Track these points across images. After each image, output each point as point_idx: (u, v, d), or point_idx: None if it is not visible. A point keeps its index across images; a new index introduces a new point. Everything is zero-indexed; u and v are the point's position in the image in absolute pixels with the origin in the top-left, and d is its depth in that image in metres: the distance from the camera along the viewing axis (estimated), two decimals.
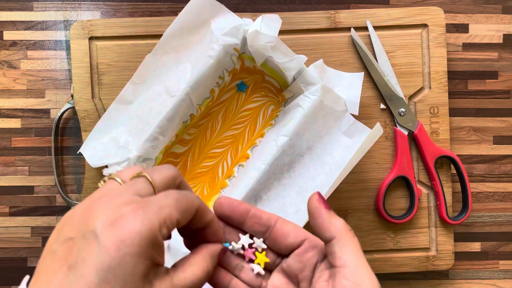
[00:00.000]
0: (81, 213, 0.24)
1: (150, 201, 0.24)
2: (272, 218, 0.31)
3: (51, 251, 0.24)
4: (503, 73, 0.53)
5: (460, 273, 0.52)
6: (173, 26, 0.45)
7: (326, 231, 0.29)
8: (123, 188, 0.25)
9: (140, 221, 0.23)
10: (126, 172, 0.27)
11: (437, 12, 0.50)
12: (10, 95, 0.51)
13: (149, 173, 0.26)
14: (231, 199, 0.31)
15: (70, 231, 0.24)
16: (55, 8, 0.51)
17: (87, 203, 0.25)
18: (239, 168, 0.48)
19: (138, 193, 0.25)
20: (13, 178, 0.51)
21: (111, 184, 0.26)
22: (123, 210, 0.23)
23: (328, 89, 0.44)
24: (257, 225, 0.31)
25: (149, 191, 0.25)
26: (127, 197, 0.24)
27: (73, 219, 0.24)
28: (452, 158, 0.49)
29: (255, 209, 0.31)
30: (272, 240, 0.31)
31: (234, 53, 0.46)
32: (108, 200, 0.24)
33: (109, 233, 0.22)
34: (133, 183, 0.25)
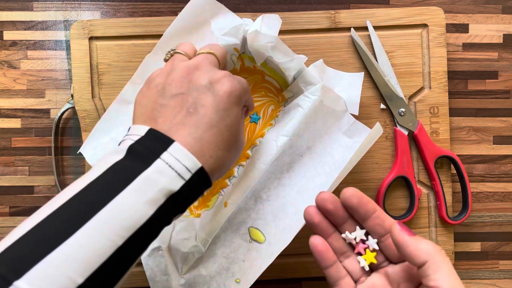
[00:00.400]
0: (181, 77, 0.31)
1: (229, 74, 0.33)
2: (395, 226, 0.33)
3: (160, 105, 0.31)
4: (503, 73, 0.53)
5: (460, 273, 0.52)
6: (173, 26, 0.45)
7: (416, 258, 0.29)
8: (202, 60, 0.33)
9: (237, 82, 0.32)
10: (185, 46, 0.35)
11: (437, 12, 0.50)
12: (10, 95, 0.51)
13: (209, 49, 0.35)
14: (361, 194, 0.33)
15: (177, 89, 0.31)
16: (55, 8, 0.51)
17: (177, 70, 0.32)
18: (239, 168, 0.48)
19: (216, 66, 0.34)
20: (13, 178, 0.51)
21: (180, 57, 0.34)
22: (220, 75, 0.32)
23: (328, 89, 0.44)
24: (378, 227, 0.33)
25: (218, 65, 0.34)
26: (214, 68, 0.33)
27: (176, 81, 0.31)
28: (452, 158, 0.49)
29: (380, 211, 0.33)
30: (387, 245, 0.33)
31: (234, 53, 0.46)
32: (201, 68, 0.32)
33: (219, 87, 0.31)
34: (206, 57, 0.33)
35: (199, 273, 0.45)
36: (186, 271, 0.45)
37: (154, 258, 0.43)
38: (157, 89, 0.31)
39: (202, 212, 0.47)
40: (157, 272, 0.43)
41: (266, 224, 0.45)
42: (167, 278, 0.43)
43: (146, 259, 0.43)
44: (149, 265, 0.43)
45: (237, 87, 0.32)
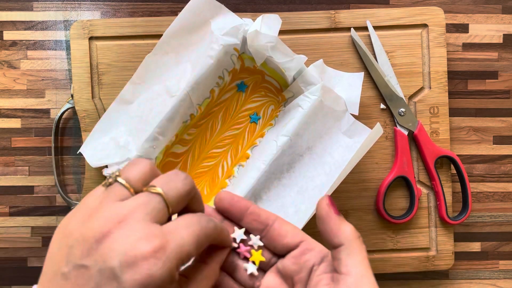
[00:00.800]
0: (94, 236, 0.23)
1: (169, 235, 0.24)
2: (271, 217, 0.31)
3: (61, 273, 0.23)
4: (503, 73, 0.53)
5: (460, 273, 0.52)
6: (173, 26, 0.45)
7: (334, 237, 0.28)
8: (138, 208, 0.24)
9: (161, 266, 0.23)
10: (134, 172, 0.26)
11: (437, 12, 0.50)
12: (10, 95, 0.51)
13: (163, 185, 0.25)
14: (231, 194, 0.31)
15: (83, 257, 0.23)
16: (55, 8, 0.51)
17: (98, 218, 0.24)
18: (239, 168, 0.48)
19: (154, 218, 0.24)
20: (13, 178, 0.51)
21: (119, 191, 0.25)
22: (143, 248, 0.22)
23: (328, 89, 0.44)
24: (255, 222, 0.31)
25: (164, 214, 0.25)
26: (145, 228, 0.23)
27: (85, 241, 0.23)
28: (452, 158, 0.49)
29: (254, 206, 0.31)
30: (269, 238, 0.31)
31: (234, 53, 0.46)
32: (124, 227, 0.23)
33: (129, 275, 0.22)
34: (148, 201, 0.24)
35: None
36: None
37: None
38: (66, 243, 0.24)
39: None
40: None
41: None
42: None
43: None
44: None
45: (157, 276, 0.22)
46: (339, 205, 0.50)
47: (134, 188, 0.25)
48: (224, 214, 0.31)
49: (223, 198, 0.31)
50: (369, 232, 0.50)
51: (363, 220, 0.50)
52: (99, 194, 0.25)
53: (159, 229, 0.24)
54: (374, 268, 0.50)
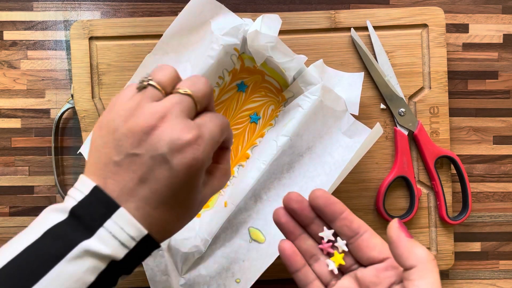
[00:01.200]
0: (141, 130, 0.27)
1: (202, 127, 0.28)
2: (363, 227, 0.32)
3: (114, 162, 0.27)
4: (503, 73, 0.53)
5: (460, 273, 0.52)
6: (173, 26, 0.45)
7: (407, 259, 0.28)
8: (174, 106, 0.28)
9: (202, 150, 0.28)
10: (163, 76, 0.29)
11: (437, 12, 0.50)
12: (10, 95, 0.51)
13: (190, 87, 0.29)
14: (328, 194, 0.33)
15: (134, 147, 0.27)
16: (55, 8, 0.51)
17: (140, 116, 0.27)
18: (239, 168, 0.48)
19: (188, 115, 0.28)
20: (13, 178, 0.51)
21: (152, 92, 0.28)
22: (187, 137, 0.27)
23: (328, 89, 0.44)
24: (346, 228, 0.32)
25: (194, 111, 0.29)
26: (183, 122, 0.27)
27: (134, 134, 0.27)
28: (452, 158, 0.49)
29: (348, 212, 0.33)
30: (356, 247, 0.32)
31: (234, 53, 0.46)
32: (167, 122, 0.27)
33: (177, 159, 0.27)
34: (181, 101, 0.28)
35: (199, 273, 0.45)
36: (186, 271, 0.45)
37: (154, 258, 0.43)
38: (113, 137, 0.27)
39: (202, 212, 0.47)
40: (157, 272, 0.43)
41: (266, 224, 0.45)
42: (167, 278, 0.43)
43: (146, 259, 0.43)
44: (149, 265, 0.43)
45: (200, 158, 0.27)
46: None
47: (165, 90, 0.29)
48: (317, 211, 0.33)
49: (320, 197, 0.32)
50: None
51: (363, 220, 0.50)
52: (132, 95, 0.29)
53: (193, 123, 0.28)
54: None
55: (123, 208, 0.27)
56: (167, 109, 0.27)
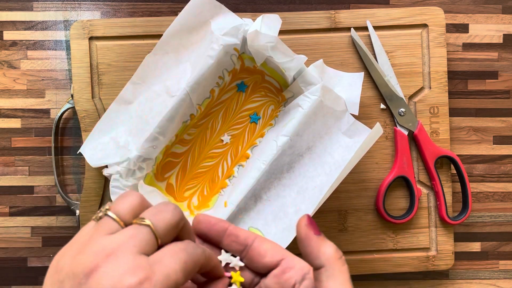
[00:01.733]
0: (83, 271, 0.23)
1: (156, 265, 0.24)
2: (250, 236, 0.30)
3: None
4: (503, 73, 0.53)
5: (460, 273, 0.52)
6: (173, 26, 0.45)
7: (315, 259, 0.27)
8: (126, 241, 0.24)
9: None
10: (124, 205, 0.26)
11: (437, 12, 0.50)
12: (10, 95, 0.51)
13: (151, 217, 0.25)
14: (208, 217, 0.31)
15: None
16: (55, 8, 0.51)
17: (88, 253, 0.24)
18: (239, 168, 0.48)
19: (142, 250, 0.24)
20: (13, 178, 0.51)
21: (109, 224, 0.25)
22: (129, 281, 0.23)
23: (328, 89, 0.44)
24: (234, 243, 0.30)
25: (153, 245, 0.25)
26: (132, 260, 0.23)
27: (75, 276, 0.23)
28: (452, 158, 0.49)
29: (232, 227, 0.31)
30: (249, 259, 0.30)
31: (234, 53, 0.46)
32: (113, 263, 0.23)
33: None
34: (136, 234, 0.24)
35: None
36: None
37: None
38: (58, 278, 0.24)
39: (202, 212, 0.47)
40: None
41: (266, 224, 0.45)
42: None
43: None
44: None
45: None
46: (339, 205, 0.50)
47: (124, 221, 0.25)
48: (203, 238, 0.31)
49: (200, 221, 0.30)
50: (369, 232, 0.50)
51: (363, 220, 0.50)
52: (90, 228, 0.26)
53: (145, 260, 0.24)
54: (374, 268, 0.50)
55: None
56: (117, 244, 0.24)
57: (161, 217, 0.25)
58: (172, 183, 0.48)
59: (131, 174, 0.43)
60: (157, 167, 0.47)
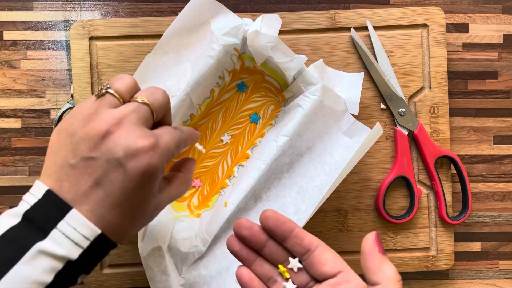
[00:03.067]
0: (97, 134, 0.28)
1: (159, 137, 0.29)
2: (314, 242, 0.32)
3: (69, 165, 0.28)
4: (503, 73, 0.53)
5: (460, 273, 0.52)
6: (173, 26, 0.45)
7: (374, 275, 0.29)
8: (130, 114, 0.29)
9: (157, 157, 0.28)
10: (122, 85, 0.30)
11: (437, 12, 0.50)
12: (10, 95, 0.51)
13: (148, 97, 0.30)
14: (278, 215, 0.32)
15: (90, 151, 0.28)
16: (55, 8, 0.51)
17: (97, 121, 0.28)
18: (239, 168, 0.48)
19: (145, 123, 0.29)
20: (13, 178, 0.51)
21: (110, 100, 0.29)
22: (143, 143, 0.28)
23: (328, 89, 0.44)
24: (297, 245, 0.32)
25: (151, 120, 0.30)
26: (139, 129, 0.28)
27: (90, 138, 0.28)
28: (452, 158, 0.49)
29: (299, 229, 0.32)
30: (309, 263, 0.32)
31: (234, 53, 0.46)
32: (122, 128, 0.28)
33: (132, 163, 0.28)
34: (138, 109, 0.29)
35: (199, 273, 0.45)
36: (186, 271, 0.45)
37: (154, 258, 0.43)
38: (71, 141, 0.28)
39: (202, 212, 0.47)
40: (157, 272, 0.43)
41: None
42: (167, 278, 0.43)
43: (146, 259, 0.43)
44: (149, 265, 0.43)
45: (154, 165, 0.28)
46: (339, 205, 0.50)
47: (123, 98, 0.30)
48: (268, 232, 0.33)
49: (269, 217, 0.32)
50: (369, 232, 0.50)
51: (363, 220, 0.50)
52: (92, 102, 0.29)
53: (150, 131, 0.29)
54: None
55: (76, 210, 0.27)
56: (123, 115, 0.28)
57: (155, 98, 0.30)
58: None
59: None
60: None
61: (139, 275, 0.48)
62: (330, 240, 0.50)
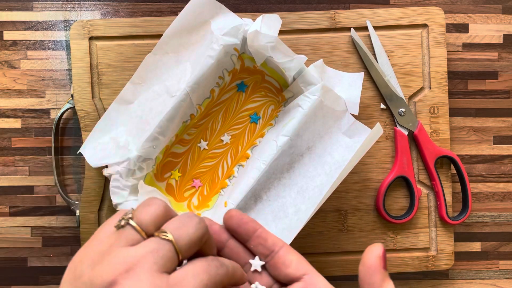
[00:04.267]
0: (102, 284, 0.23)
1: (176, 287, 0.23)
2: (278, 243, 0.31)
3: None
4: (503, 73, 0.53)
5: (460, 273, 0.52)
6: (173, 26, 0.45)
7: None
8: (147, 256, 0.23)
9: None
10: (148, 214, 0.25)
11: (437, 12, 0.50)
12: (10, 95, 0.51)
13: (174, 231, 0.24)
14: (241, 214, 0.31)
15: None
16: (55, 8, 0.51)
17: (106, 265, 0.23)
18: (239, 168, 0.48)
19: (162, 267, 0.23)
20: (13, 178, 0.51)
21: (129, 234, 0.24)
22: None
23: (328, 89, 0.44)
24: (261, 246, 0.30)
25: (174, 261, 0.24)
26: (151, 279, 0.23)
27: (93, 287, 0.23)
28: (452, 158, 0.49)
29: (262, 229, 0.31)
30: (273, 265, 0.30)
31: (234, 53, 0.46)
32: (131, 280, 0.23)
33: None
34: (157, 249, 0.24)
35: None
36: None
37: None
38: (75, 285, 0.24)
39: (202, 212, 0.47)
40: None
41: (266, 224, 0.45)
42: None
43: None
44: None
45: None
46: (339, 205, 0.50)
47: (146, 231, 0.25)
48: (231, 232, 0.31)
49: (233, 217, 0.31)
50: (369, 232, 0.50)
51: (363, 220, 0.50)
52: (109, 234, 0.25)
53: (165, 280, 0.23)
54: None
55: None
56: (137, 259, 0.23)
57: (184, 232, 0.25)
58: (172, 183, 0.48)
59: (131, 174, 0.43)
60: (157, 167, 0.47)
61: None
62: (330, 240, 0.50)
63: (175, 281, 0.23)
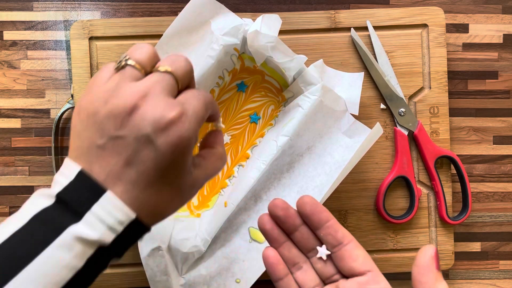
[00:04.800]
0: (123, 111, 0.26)
1: (186, 105, 0.27)
2: (347, 237, 0.32)
3: (97, 146, 0.26)
4: (503, 73, 0.53)
5: (460, 273, 0.52)
6: (173, 26, 0.45)
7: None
8: (154, 85, 0.27)
9: (186, 128, 0.26)
10: (142, 55, 0.28)
11: (437, 12, 0.50)
12: (10, 95, 0.51)
13: (170, 65, 0.28)
14: (316, 202, 0.33)
15: (117, 129, 0.26)
16: (55, 8, 0.51)
17: (120, 97, 0.26)
18: (239, 168, 0.48)
19: (170, 93, 0.27)
20: (13, 178, 0.51)
21: (131, 72, 0.27)
22: (169, 115, 0.26)
23: (328, 89, 0.44)
24: (330, 236, 0.32)
25: (175, 89, 0.28)
26: (165, 100, 0.26)
27: (116, 116, 0.26)
28: (452, 158, 0.49)
29: (334, 221, 0.33)
30: (339, 256, 0.32)
31: (234, 53, 0.46)
32: (148, 101, 0.26)
33: (162, 139, 0.26)
34: (161, 79, 0.27)
35: (199, 273, 0.45)
36: (186, 271, 0.45)
37: (154, 258, 0.43)
38: (94, 121, 0.27)
39: (202, 212, 0.47)
40: (157, 272, 0.43)
41: None
42: (167, 278, 0.43)
43: (146, 259, 0.43)
44: (149, 265, 0.43)
45: (185, 136, 0.26)
46: (339, 205, 0.50)
47: (144, 69, 0.28)
48: (303, 218, 0.33)
49: (307, 203, 0.32)
50: (369, 232, 0.50)
51: (363, 220, 0.50)
52: (110, 76, 0.28)
53: (176, 100, 0.27)
54: None
55: (110, 192, 0.26)
56: (148, 88, 0.27)
57: (178, 65, 0.28)
58: None
59: None
60: None
61: (139, 275, 0.48)
62: None
63: (182, 101, 0.27)
